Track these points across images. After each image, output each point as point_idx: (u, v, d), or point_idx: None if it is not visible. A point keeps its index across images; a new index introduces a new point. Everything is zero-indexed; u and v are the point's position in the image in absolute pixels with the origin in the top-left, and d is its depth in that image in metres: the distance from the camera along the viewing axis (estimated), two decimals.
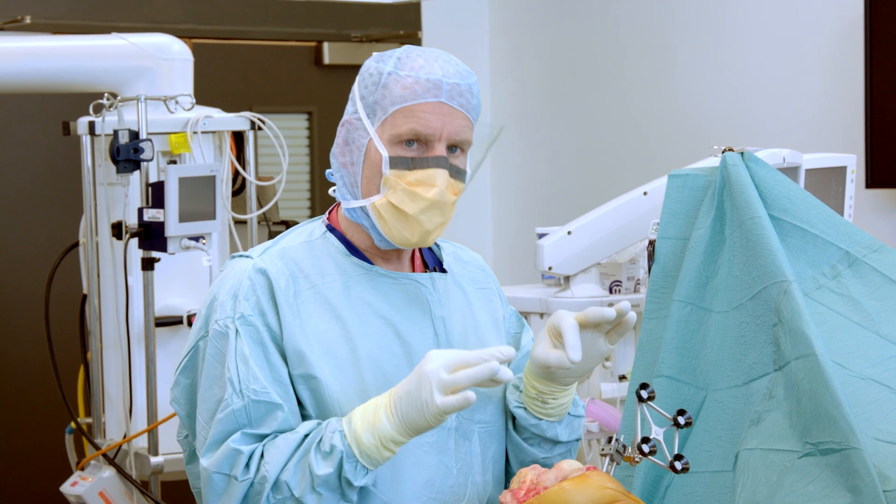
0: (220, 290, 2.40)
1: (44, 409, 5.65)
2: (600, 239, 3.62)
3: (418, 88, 2.36)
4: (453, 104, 2.37)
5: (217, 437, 2.32)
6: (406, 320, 2.44)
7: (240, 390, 2.31)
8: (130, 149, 4.23)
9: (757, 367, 2.72)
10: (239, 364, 2.32)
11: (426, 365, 2.23)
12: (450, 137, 2.37)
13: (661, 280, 2.95)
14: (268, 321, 2.35)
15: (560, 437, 2.53)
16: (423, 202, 2.36)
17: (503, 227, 6.96)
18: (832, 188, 3.66)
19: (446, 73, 2.38)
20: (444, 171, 2.37)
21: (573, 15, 6.50)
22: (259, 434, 2.31)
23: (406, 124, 2.36)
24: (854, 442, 2.46)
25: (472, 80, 2.41)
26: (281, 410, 2.32)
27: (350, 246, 2.46)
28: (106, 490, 4.40)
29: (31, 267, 5.73)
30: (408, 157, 2.37)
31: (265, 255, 2.42)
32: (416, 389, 2.23)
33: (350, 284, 2.42)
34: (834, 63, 5.36)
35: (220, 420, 2.31)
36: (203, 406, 2.37)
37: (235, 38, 6.40)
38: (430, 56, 2.39)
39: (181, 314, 4.40)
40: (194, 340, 2.42)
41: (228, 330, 2.34)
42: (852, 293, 2.83)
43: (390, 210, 2.38)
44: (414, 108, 2.36)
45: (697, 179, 2.97)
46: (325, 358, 2.36)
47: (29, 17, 5.69)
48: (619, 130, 6.31)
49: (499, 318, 2.60)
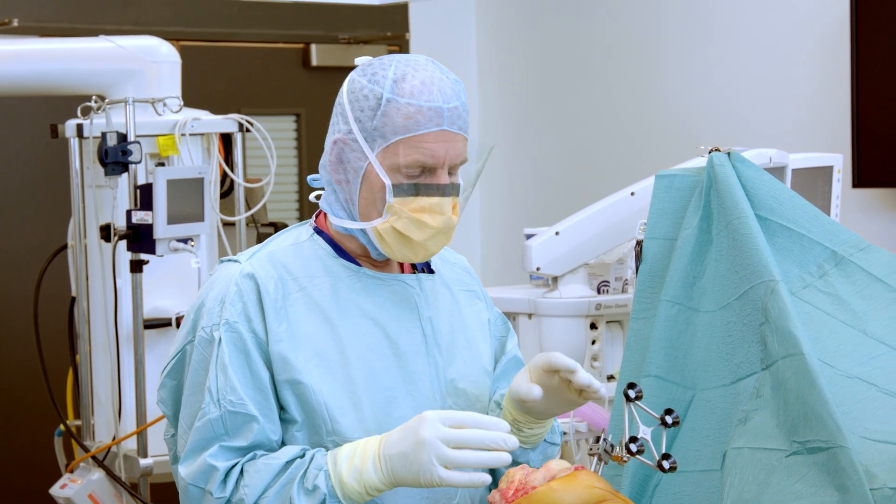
0: (208, 295, 2.40)
1: (33, 412, 5.64)
2: (588, 239, 3.63)
3: (421, 119, 2.32)
4: (454, 129, 2.35)
5: (194, 446, 2.33)
6: (394, 321, 2.44)
7: (217, 400, 2.32)
8: (118, 151, 4.22)
9: (744, 367, 2.73)
10: (219, 373, 2.33)
11: (423, 431, 2.22)
12: (453, 162, 2.37)
13: (649, 280, 2.96)
14: (253, 327, 2.35)
15: (531, 463, 2.53)
16: (429, 230, 2.37)
17: (491, 227, 6.96)
18: (819, 188, 3.67)
19: (445, 97, 2.34)
20: (449, 198, 2.37)
21: (560, 16, 6.51)
22: (236, 447, 2.32)
23: (410, 155, 2.33)
24: (841, 440, 2.47)
25: (465, 96, 2.39)
26: (256, 422, 2.32)
27: (338, 248, 2.46)
28: (95, 492, 4.40)
29: (19, 270, 5.72)
30: (412, 185, 2.35)
31: (253, 259, 2.42)
32: (413, 454, 2.23)
33: (338, 286, 2.42)
34: (820, 63, 5.37)
35: (197, 428, 2.33)
36: (185, 412, 2.38)
37: (223, 41, 6.40)
38: (426, 77, 2.35)
39: (170, 316, 4.40)
40: (181, 344, 2.42)
41: (213, 337, 2.35)
42: (839, 292, 2.84)
43: (394, 235, 2.37)
44: (417, 139, 2.33)
45: (684, 180, 2.98)
46: (315, 360, 2.36)
47: (17, 19, 5.68)
48: (606, 131, 6.32)
49: (484, 320, 2.60)
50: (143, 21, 6.04)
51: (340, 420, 2.35)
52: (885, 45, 4.97)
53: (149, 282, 4.36)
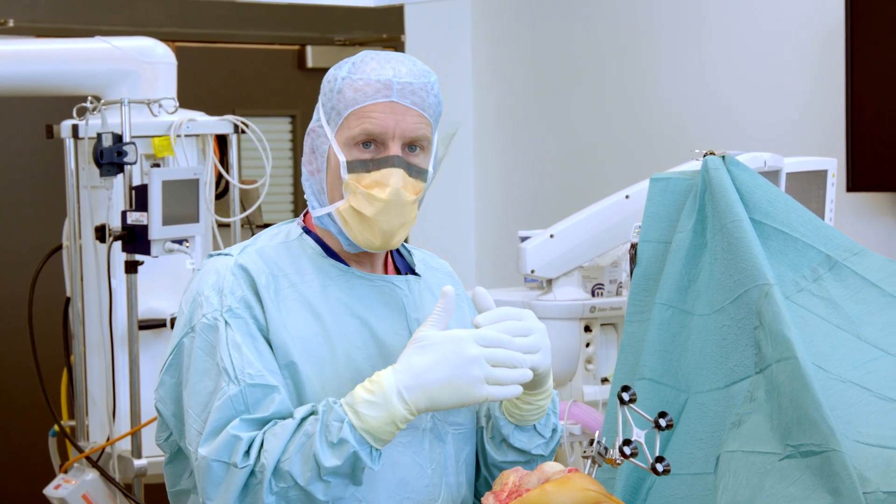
0: (201, 286, 2.40)
1: (27, 412, 5.64)
2: (582, 242, 3.63)
3: (369, 90, 2.37)
4: (406, 102, 2.38)
5: (215, 426, 2.31)
6: (382, 321, 2.45)
7: (235, 377, 2.31)
8: (114, 152, 4.23)
9: (738, 370, 2.73)
10: (232, 352, 2.32)
11: (469, 349, 2.26)
12: (404, 135, 2.38)
13: (643, 283, 2.96)
14: (255, 314, 2.36)
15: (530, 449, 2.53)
16: (378, 203, 2.37)
17: (486, 229, 6.96)
18: (813, 192, 3.67)
19: (398, 73, 2.38)
20: (399, 170, 2.38)
21: (555, 18, 6.51)
22: (258, 419, 2.31)
23: (359, 125, 2.37)
24: (834, 444, 2.47)
25: (428, 80, 2.41)
26: (278, 392, 2.32)
27: (326, 248, 2.47)
28: (89, 493, 4.40)
29: (14, 270, 5.71)
30: (364, 160, 2.38)
31: (244, 253, 2.43)
32: (460, 376, 2.25)
33: (327, 284, 2.43)
34: (815, 67, 5.38)
35: (217, 408, 2.31)
36: (194, 399, 2.36)
37: (219, 42, 6.40)
38: (383, 59, 2.41)
39: (164, 317, 4.40)
40: (178, 338, 2.42)
41: (218, 322, 2.35)
42: (833, 296, 2.84)
43: (352, 214, 2.39)
44: (365, 109, 2.37)
45: (679, 183, 2.98)
46: (305, 354, 2.37)
47: (12, 20, 5.68)
48: (601, 134, 6.32)
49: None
50: (139, 22, 6.04)
51: None
52: (880, 50, 4.98)
53: (143, 282, 4.37)
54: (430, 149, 2.44)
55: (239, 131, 4.57)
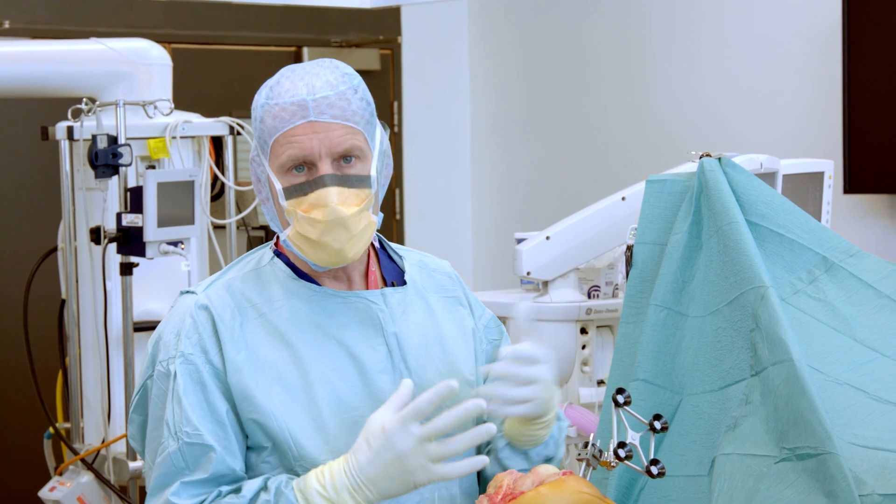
0: (165, 328, 2.41)
1: (22, 414, 5.63)
2: (579, 244, 3.63)
3: (285, 115, 2.33)
4: (325, 119, 2.33)
5: (158, 482, 2.33)
6: (357, 339, 2.41)
7: (174, 433, 2.32)
8: (109, 154, 4.22)
9: (733, 372, 2.73)
10: (174, 406, 2.32)
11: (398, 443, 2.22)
12: (332, 152, 2.33)
13: (639, 285, 2.96)
14: (210, 359, 2.35)
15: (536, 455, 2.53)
16: (320, 225, 2.33)
17: (482, 231, 6.96)
18: (810, 194, 3.67)
19: (312, 89, 2.34)
20: (333, 188, 2.33)
21: (552, 21, 6.51)
22: (197, 480, 2.31)
23: (284, 152, 2.33)
24: (830, 447, 2.47)
25: (345, 87, 2.36)
26: (213, 452, 2.31)
27: (297, 269, 2.45)
28: (84, 495, 4.40)
29: (9, 272, 5.71)
30: (299, 184, 2.34)
31: (210, 289, 2.41)
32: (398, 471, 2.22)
33: (298, 308, 2.41)
34: (812, 69, 5.38)
35: (159, 464, 2.33)
36: (149, 447, 2.38)
37: (214, 43, 6.39)
38: (297, 76, 2.36)
39: (159, 319, 4.39)
40: (143, 379, 2.42)
41: (170, 371, 2.35)
42: (829, 298, 2.84)
43: (300, 238, 2.36)
44: (287, 135, 2.33)
45: (675, 185, 2.98)
46: (276, 386, 2.35)
47: (8, 21, 5.68)
48: (597, 136, 6.32)
49: (467, 327, 2.56)
50: (135, 23, 6.03)
51: (305, 444, 2.33)
52: (877, 52, 4.98)
53: (138, 284, 4.36)
54: (368, 154, 2.39)
55: (235, 133, 4.56)
